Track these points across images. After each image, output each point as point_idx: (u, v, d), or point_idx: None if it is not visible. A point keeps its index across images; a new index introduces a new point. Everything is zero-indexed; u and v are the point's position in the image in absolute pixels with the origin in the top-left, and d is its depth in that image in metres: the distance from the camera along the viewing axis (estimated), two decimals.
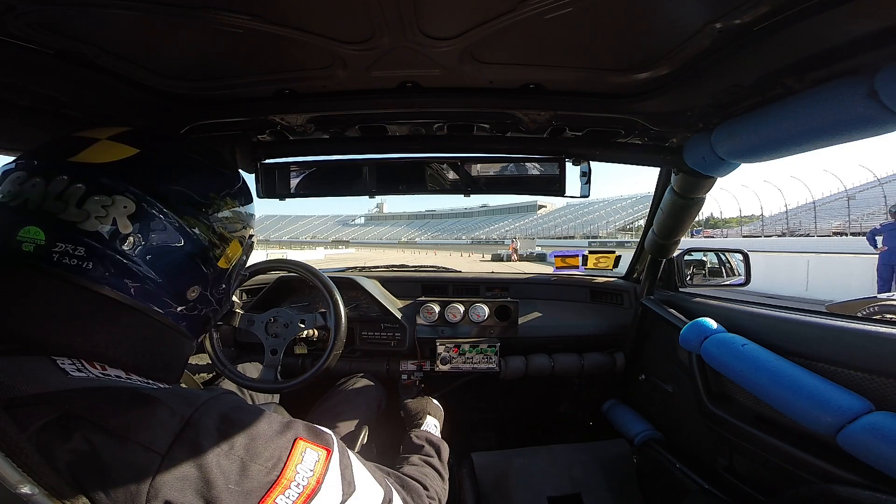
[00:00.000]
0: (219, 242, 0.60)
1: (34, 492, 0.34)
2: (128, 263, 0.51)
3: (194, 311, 0.60)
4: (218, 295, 0.64)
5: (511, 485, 1.48)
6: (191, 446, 0.41)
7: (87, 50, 0.70)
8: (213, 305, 0.63)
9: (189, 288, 0.57)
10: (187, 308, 0.58)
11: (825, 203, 29.74)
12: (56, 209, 0.48)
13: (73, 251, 0.48)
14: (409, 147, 1.21)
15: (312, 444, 0.50)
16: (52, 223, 0.48)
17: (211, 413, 0.45)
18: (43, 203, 0.48)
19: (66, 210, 0.48)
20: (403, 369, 1.65)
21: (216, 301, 0.64)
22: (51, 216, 0.48)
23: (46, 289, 0.48)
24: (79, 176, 0.50)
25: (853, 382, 0.85)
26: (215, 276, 0.61)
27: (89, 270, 0.49)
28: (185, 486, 0.40)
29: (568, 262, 2.10)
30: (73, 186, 0.49)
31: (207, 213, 0.58)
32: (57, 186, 0.49)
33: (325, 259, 29.54)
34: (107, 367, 0.48)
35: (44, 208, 0.48)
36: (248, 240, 0.68)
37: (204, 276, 0.59)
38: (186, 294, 0.57)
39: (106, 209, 0.49)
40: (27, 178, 0.49)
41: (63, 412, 0.39)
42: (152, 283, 0.53)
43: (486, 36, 0.69)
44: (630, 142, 1.19)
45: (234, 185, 0.64)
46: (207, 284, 0.60)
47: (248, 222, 0.67)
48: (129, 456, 0.39)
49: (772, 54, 0.68)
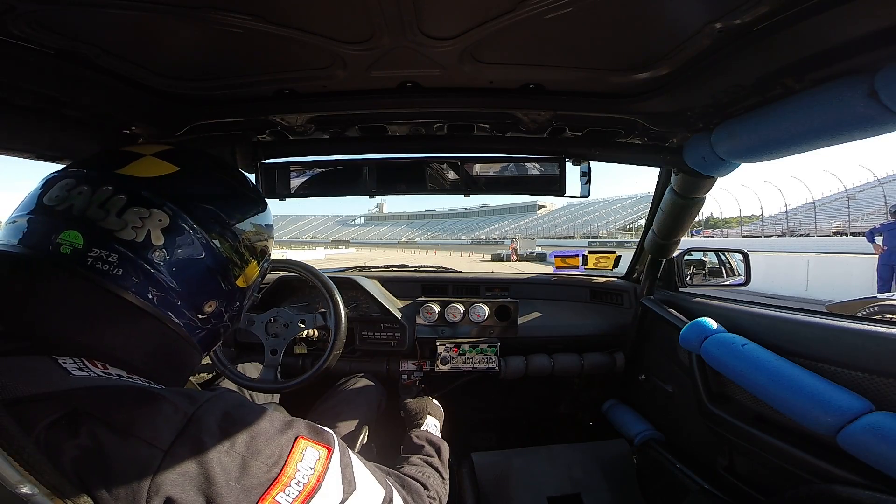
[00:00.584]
0: (239, 262, 0.63)
1: (34, 491, 0.33)
2: (154, 273, 0.53)
3: (208, 325, 0.62)
4: (232, 312, 0.66)
5: (511, 485, 1.48)
6: (193, 443, 0.42)
7: (87, 50, 0.70)
8: (224, 322, 0.66)
9: (207, 302, 0.60)
10: (202, 321, 0.60)
11: (825, 203, 29.75)
12: (98, 216, 0.51)
13: (106, 257, 0.50)
14: (409, 147, 1.21)
15: (313, 443, 0.50)
16: (92, 229, 0.51)
17: (213, 410, 0.45)
18: (87, 210, 0.51)
19: (106, 218, 0.51)
20: (403, 369, 1.65)
21: (229, 318, 0.66)
22: (92, 223, 0.51)
23: (70, 288, 0.49)
24: (123, 188, 0.53)
25: (853, 382, 0.85)
26: (232, 294, 0.63)
27: (118, 276, 0.51)
28: (187, 482, 0.40)
29: (568, 262, 2.10)
30: (117, 197, 0.52)
31: (233, 232, 0.62)
32: (102, 195, 0.52)
33: (325, 259, 29.55)
34: (108, 366, 0.49)
35: (87, 215, 0.51)
36: (265, 263, 0.71)
37: (222, 292, 0.62)
38: (204, 307, 0.60)
39: (143, 220, 0.52)
40: (75, 185, 0.53)
41: (71, 409, 0.39)
42: (174, 293, 0.55)
43: (486, 36, 0.69)
44: (630, 142, 1.19)
45: (259, 210, 0.68)
46: (224, 300, 0.63)
47: (268, 246, 0.70)
48: (132, 452, 0.39)
49: (772, 54, 0.68)
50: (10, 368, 0.41)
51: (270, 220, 0.72)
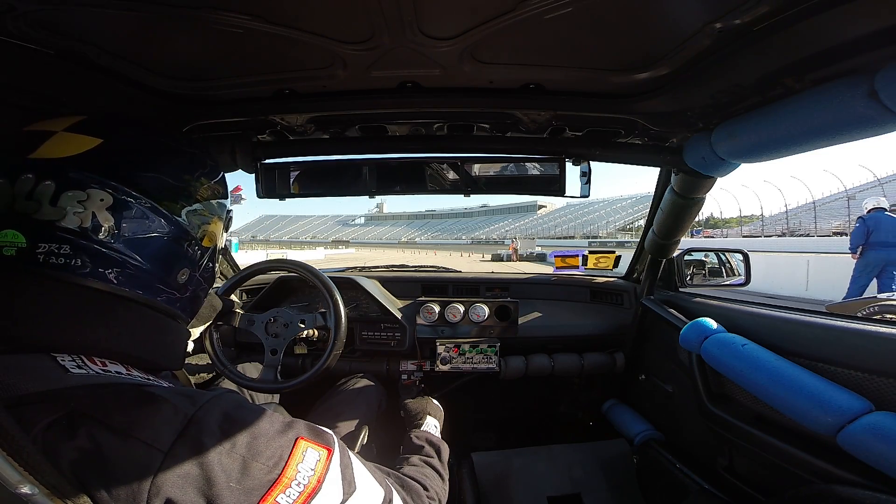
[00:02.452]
0: (199, 223, 0.60)
1: (34, 491, 0.34)
2: (115, 255, 0.50)
3: (186, 293, 0.61)
4: (206, 273, 0.65)
5: (511, 485, 1.48)
6: (193, 444, 0.41)
7: (87, 50, 0.70)
8: (203, 284, 0.65)
9: (179, 271, 0.58)
10: (179, 291, 0.59)
11: (825, 203, 29.71)
12: (30, 209, 0.47)
13: (58, 250, 0.47)
14: (409, 147, 1.21)
15: (313, 444, 0.50)
16: (28, 224, 0.47)
17: (214, 412, 0.45)
18: (14, 205, 0.47)
19: (40, 209, 0.47)
20: (403, 369, 1.64)
21: (205, 280, 0.65)
22: (25, 217, 0.47)
23: (37, 290, 0.47)
24: (45, 173, 0.48)
25: (853, 382, 0.85)
26: (201, 256, 0.62)
27: (78, 267, 0.48)
28: (187, 483, 0.40)
29: (568, 262, 2.10)
30: (42, 184, 0.47)
31: (185, 195, 0.58)
32: (24, 186, 0.47)
33: (325, 259, 29.56)
34: (107, 362, 0.48)
35: (16, 209, 0.47)
36: (227, 215, 0.69)
37: (191, 258, 0.60)
38: (177, 277, 0.58)
39: (83, 204, 0.48)
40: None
41: (68, 410, 0.39)
42: (142, 271, 0.53)
43: (486, 36, 0.69)
44: (630, 142, 1.19)
45: (205, 165, 0.64)
46: (195, 265, 0.61)
47: (225, 199, 0.68)
48: (132, 453, 0.39)
49: (772, 54, 0.68)
50: (8, 366, 0.41)
51: (220, 171, 0.68)
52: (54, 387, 0.41)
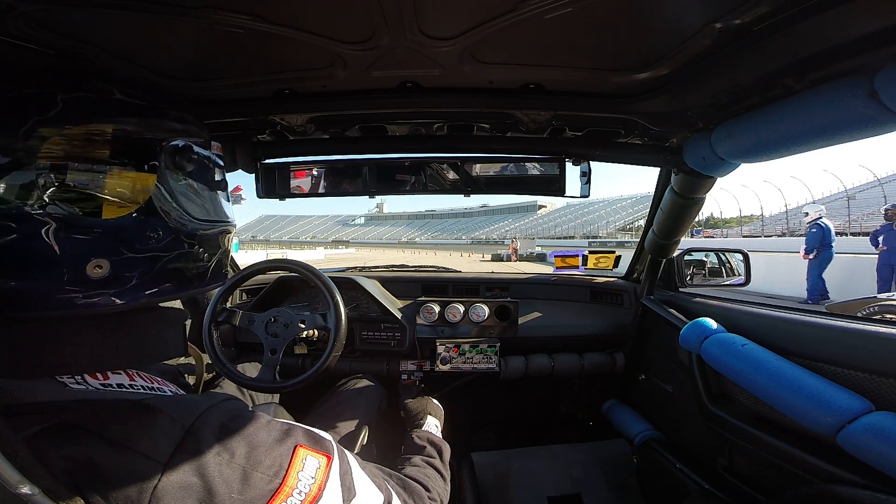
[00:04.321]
0: (85, 192, 0.44)
1: (34, 492, 0.34)
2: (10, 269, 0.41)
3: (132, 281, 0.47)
4: (160, 243, 0.49)
5: (511, 485, 1.48)
6: (192, 455, 0.41)
7: (87, 50, 0.70)
8: (169, 253, 0.50)
9: (96, 263, 0.44)
10: (116, 284, 0.46)
11: (825, 203, 29.75)
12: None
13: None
14: (409, 147, 1.21)
15: (313, 451, 0.51)
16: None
17: (211, 422, 0.45)
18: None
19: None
20: (403, 369, 1.65)
21: (171, 244, 0.51)
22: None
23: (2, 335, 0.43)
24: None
25: (853, 382, 0.85)
26: (128, 230, 0.46)
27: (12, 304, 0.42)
28: (187, 494, 0.40)
29: (568, 262, 2.10)
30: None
31: (31, 165, 0.41)
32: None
33: (325, 259, 29.56)
34: (108, 375, 0.48)
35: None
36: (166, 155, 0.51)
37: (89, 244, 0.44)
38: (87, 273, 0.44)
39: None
40: None
41: (59, 421, 0.39)
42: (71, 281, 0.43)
43: (486, 36, 0.69)
44: (630, 142, 1.19)
45: (53, 106, 0.45)
46: (125, 245, 0.46)
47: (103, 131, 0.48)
48: (130, 465, 0.39)
49: (772, 54, 0.68)
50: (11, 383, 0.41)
51: (89, 106, 0.48)
52: (48, 399, 0.41)
